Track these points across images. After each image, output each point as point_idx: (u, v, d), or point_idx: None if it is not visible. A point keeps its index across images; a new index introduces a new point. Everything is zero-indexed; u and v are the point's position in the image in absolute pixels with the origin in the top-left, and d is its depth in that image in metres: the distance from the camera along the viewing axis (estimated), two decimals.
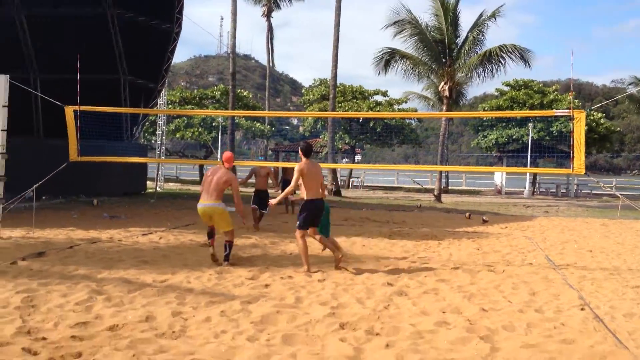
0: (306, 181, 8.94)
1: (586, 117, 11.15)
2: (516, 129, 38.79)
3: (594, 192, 40.25)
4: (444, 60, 29.83)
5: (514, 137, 39.08)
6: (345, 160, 46.77)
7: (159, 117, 32.48)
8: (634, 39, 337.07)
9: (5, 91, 11.56)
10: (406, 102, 42.02)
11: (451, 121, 40.53)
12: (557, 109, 33.75)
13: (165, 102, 31.96)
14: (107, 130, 20.01)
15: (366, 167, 47.94)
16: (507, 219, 19.71)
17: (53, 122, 22.71)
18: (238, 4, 31.04)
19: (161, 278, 8.16)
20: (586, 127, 15.39)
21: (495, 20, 29.25)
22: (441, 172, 31.57)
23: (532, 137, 36.37)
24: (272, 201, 9.48)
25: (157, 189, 26.58)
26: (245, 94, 42.65)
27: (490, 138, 40.11)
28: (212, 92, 41.65)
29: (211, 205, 9.41)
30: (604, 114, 42.16)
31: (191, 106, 39.70)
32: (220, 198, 9.43)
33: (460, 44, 29.94)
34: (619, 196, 16.08)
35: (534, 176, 39.48)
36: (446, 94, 29.54)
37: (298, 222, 9.03)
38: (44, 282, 7.56)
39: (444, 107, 30.27)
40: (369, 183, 44.05)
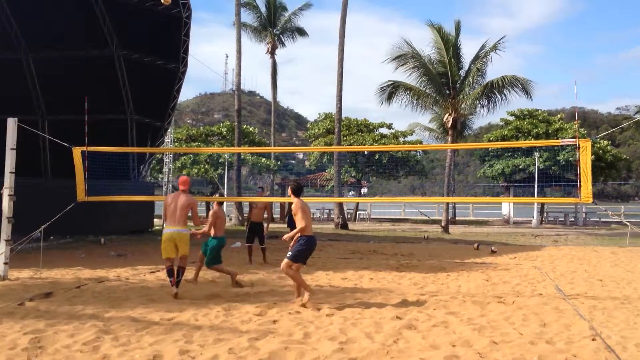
0: (306, 218, 9.05)
1: (592, 145, 11.19)
2: (522, 158, 38.74)
3: (602, 220, 39.98)
4: (447, 92, 30.03)
5: (520, 167, 39.02)
6: (351, 193, 46.74)
7: (166, 154, 32.66)
8: (636, 66, 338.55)
9: (14, 134, 11.70)
10: (412, 134, 42.19)
11: (457, 152, 40.60)
12: (562, 138, 33.78)
13: (171, 140, 32.14)
14: (114, 169, 20.13)
15: (372, 200, 47.89)
16: (516, 249, 19.60)
17: (60, 162, 22.95)
18: (242, 42, 31.48)
19: (168, 316, 8.13)
20: (593, 155, 15.40)
21: (497, 53, 29.50)
22: (448, 203, 31.50)
23: (538, 167, 36.32)
24: (285, 236, 9.39)
25: (164, 226, 26.59)
26: (251, 129, 42.90)
27: (496, 168, 40.06)
28: (218, 129, 41.90)
29: (178, 231, 9.75)
30: (610, 142, 42.16)
31: (197, 143, 39.91)
32: (185, 223, 9.85)
33: (463, 75, 30.15)
34: (627, 224, 16.00)
35: (542, 205, 39.32)
36: (450, 125, 29.66)
37: (292, 254, 8.98)
38: (51, 322, 7.55)
39: (449, 138, 30.36)
40: (375, 215, 43.94)
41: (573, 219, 38.76)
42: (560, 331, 7.44)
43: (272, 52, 44.77)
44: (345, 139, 39.10)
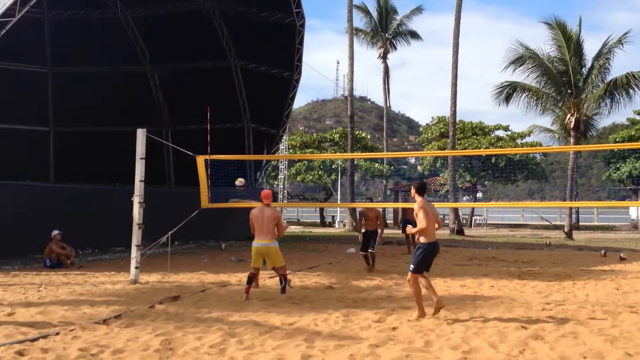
0: (426, 219, 8.39)
1: None
2: None
3: None
4: (569, 91, 28.70)
5: None
6: (465, 198, 45.77)
7: (281, 161, 33.42)
8: None
9: (143, 144, 12.35)
10: (529, 135, 40.69)
11: (579, 154, 38.71)
12: None
13: (286, 147, 32.86)
14: (233, 176, 20.75)
15: (490, 205, 46.63)
16: None
17: (181, 170, 24.05)
18: (354, 48, 31.66)
19: (289, 320, 8.26)
20: None
21: (622, 47, 27.86)
22: (571, 208, 30.07)
23: None
24: (410, 229, 9.29)
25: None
26: (363, 135, 43.04)
27: (623, 170, 37.87)
28: (331, 135, 42.39)
29: (266, 244, 9.96)
30: None
31: (311, 150, 40.55)
32: (274, 237, 10.04)
33: (586, 73, 28.71)
34: None
35: None
36: (573, 125, 28.33)
37: (413, 265, 8.45)
38: (179, 325, 7.88)
39: (572, 139, 28.99)
40: (492, 221, 42.75)
41: None
42: None
43: (384, 56, 44.67)
44: (459, 142, 38.37)
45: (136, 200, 12.15)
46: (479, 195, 49.37)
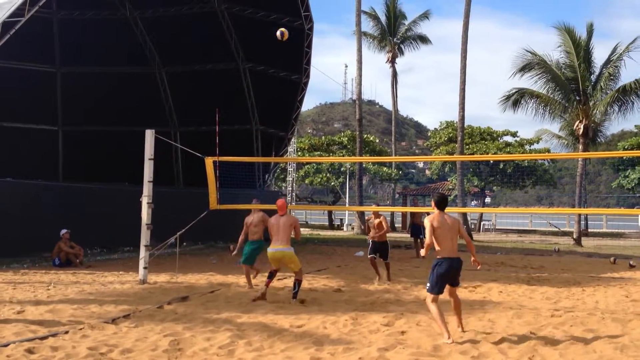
0: (436, 236, 7.63)
1: None
2: None
3: None
4: (577, 97, 28.59)
5: None
6: (474, 203, 45.63)
7: (289, 164, 33.44)
8: None
9: (152, 145, 12.38)
10: (538, 142, 40.55)
11: (588, 161, 38.57)
12: None
13: (294, 150, 32.91)
14: (242, 178, 20.78)
15: (499, 211, 46.51)
16: None
17: (189, 171, 24.08)
18: (362, 52, 31.64)
19: (298, 323, 8.25)
20: None
21: (629, 56, 27.77)
22: (580, 214, 29.91)
23: None
24: (422, 252, 8.04)
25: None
26: (371, 139, 43.02)
27: (632, 178, 37.68)
28: (339, 138, 42.40)
29: (281, 249, 10.08)
30: None
31: (319, 152, 40.56)
32: (289, 242, 10.17)
33: (595, 80, 28.59)
34: None
35: None
36: (581, 132, 28.21)
37: (428, 284, 7.65)
38: (188, 325, 7.88)
39: (580, 146, 28.85)
40: (500, 226, 42.57)
41: None
42: None
43: (392, 61, 44.65)
44: (467, 147, 38.27)
45: (145, 201, 12.18)
46: (488, 200, 49.23)
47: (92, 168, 24.43)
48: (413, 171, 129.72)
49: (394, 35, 44.28)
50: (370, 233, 13.59)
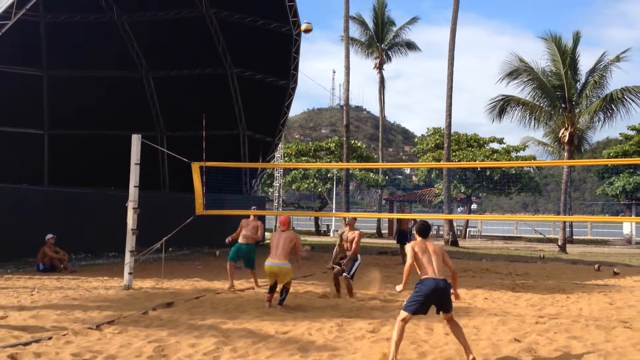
0: (418, 262, 7.19)
1: None
2: None
3: None
4: (563, 105, 28.83)
5: None
6: (460, 209, 45.78)
7: (276, 169, 33.41)
8: None
9: (138, 149, 12.33)
10: (524, 149, 40.81)
11: (573, 168, 38.83)
12: None
13: (282, 155, 32.89)
14: (228, 183, 20.73)
15: (486, 218, 46.67)
16: None
17: (176, 176, 24.01)
18: (350, 57, 31.73)
19: (283, 329, 8.24)
20: None
21: (617, 66, 28.03)
22: (565, 222, 30.11)
23: None
24: (398, 287, 7.48)
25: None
26: (359, 145, 43.09)
27: (616, 185, 37.99)
28: (326, 144, 42.42)
29: (279, 264, 10.21)
30: None
31: (306, 158, 40.55)
32: (287, 258, 10.32)
33: (580, 88, 28.84)
34: None
35: None
36: (567, 140, 28.43)
37: (406, 301, 7.16)
38: (173, 331, 7.85)
39: (566, 154, 29.07)
40: (486, 232, 42.77)
41: None
42: None
43: (379, 67, 44.83)
44: (454, 154, 38.42)
45: (130, 206, 12.12)
46: (474, 206, 49.41)
47: (77, 172, 24.28)
48: (400, 177, 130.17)
49: (381, 42, 44.47)
50: (335, 249, 12.24)
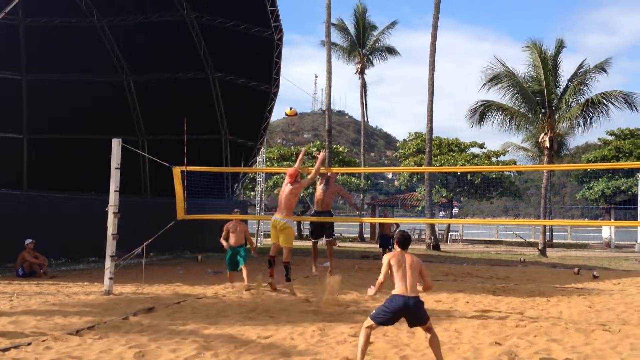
0: (391, 273, 7.10)
1: None
2: (623, 179, 37.02)
3: None
4: (543, 110, 29.12)
5: (621, 189, 37.25)
6: (442, 214, 46.04)
7: (258, 174, 33.35)
8: None
9: (118, 154, 12.24)
10: (505, 154, 41.14)
11: (553, 172, 39.24)
12: None
13: (264, 160, 32.80)
14: (210, 188, 20.64)
15: (467, 222, 46.92)
16: (619, 274, 18.66)
17: (157, 181, 23.87)
18: (332, 62, 31.82)
19: (265, 334, 8.22)
20: None
21: (601, 72, 28.38)
22: (545, 226, 30.39)
23: None
24: (370, 291, 7.53)
25: (258, 244, 27.05)
26: (341, 149, 43.17)
27: (596, 190, 38.43)
28: (308, 149, 42.41)
29: (281, 220, 11.12)
30: None
31: (288, 163, 40.52)
32: (290, 214, 11.23)
33: (560, 93, 29.16)
34: None
35: None
36: (547, 145, 28.71)
37: (374, 310, 7.02)
38: (154, 337, 7.80)
39: (545, 158, 29.36)
40: (468, 237, 43.02)
41: None
42: None
43: (361, 72, 45.01)
44: (436, 158, 38.66)
45: (111, 210, 12.02)
46: (455, 210, 49.70)
47: (57, 177, 24.04)
48: (382, 182, 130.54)
49: (363, 47, 44.65)
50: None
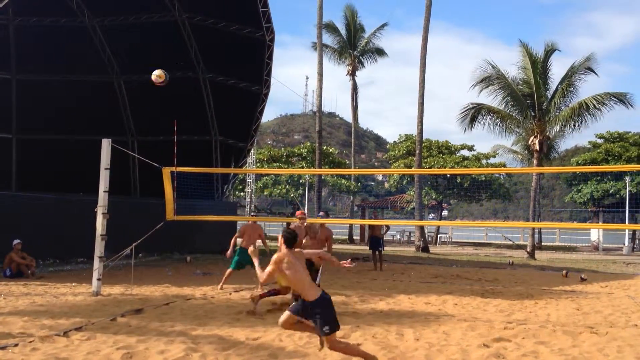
0: (288, 277, 6.72)
1: None
2: (612, 182, 37.25)
3: None
4: (532, 113, 29.28)
5: (610, 192, 37.49)
6: (431, 216, 46.16)
7: (248, 175, 33.35)
8: None
9: (108, 154, 12.20)
10: (495, 156, 41.36)
11: (542, 175, 39.45)
12: None
13: (254, 161, 32.84)
14: (199, 189, 20.60)
15: (456, 224, 47.05)
16: (607, 277, 18.77)
17: (147, 181, 23.79)
18: (323, 64, 31.85)
19: (254, 335, 8.21)
20: None
21: (589, 72, 28.60)
22: (534, 228, 30.53)
23: (629, 191, 34.77)
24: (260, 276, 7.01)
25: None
26: (331, 151, 43.22)
27: (584, 192, 38.64)
28: (299, 150, 42.48)
29: None
30: None
31: (279, 164, 40.55)
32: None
33: (550, 96, 29.33)
34: None
35: (634, 232, 37.54)
36: (536, 147, 28.86)
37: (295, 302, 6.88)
38: (142, 338, 7.78)
39: (535, 161, 29.51)
40: (457, 239, 43.14)
41: None
42: None
43: (352, 73, 45.05)
44: (425, 160, 38.76)
45: (100, 211, 11.98)
46: (445, 213, 49.81)
47: (46, 177, 23.94)
48: (372, 183, 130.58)
49: (354, 49, 44.69)
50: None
